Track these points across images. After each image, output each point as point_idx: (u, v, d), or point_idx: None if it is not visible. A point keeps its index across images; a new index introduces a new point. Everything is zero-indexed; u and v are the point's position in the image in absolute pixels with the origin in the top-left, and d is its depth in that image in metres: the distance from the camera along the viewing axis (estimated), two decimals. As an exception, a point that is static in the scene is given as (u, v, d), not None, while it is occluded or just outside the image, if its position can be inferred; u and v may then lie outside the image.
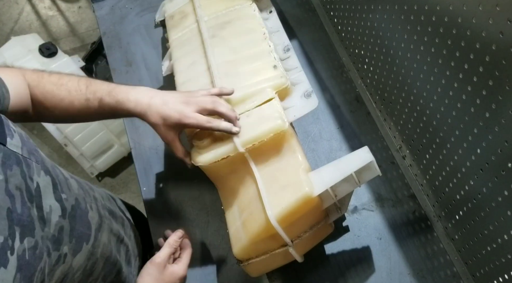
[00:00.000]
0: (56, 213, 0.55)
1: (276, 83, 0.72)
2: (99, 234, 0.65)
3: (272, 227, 0.62)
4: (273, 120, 0.67)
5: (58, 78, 0.69)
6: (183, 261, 0.70)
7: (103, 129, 1.68)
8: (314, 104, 0.71)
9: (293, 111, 0.72)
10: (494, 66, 0.54)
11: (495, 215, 0.62)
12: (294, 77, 0.76)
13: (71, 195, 0.60)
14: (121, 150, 1.76)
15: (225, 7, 0.88)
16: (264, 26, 0.82)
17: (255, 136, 0.66)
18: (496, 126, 0.56)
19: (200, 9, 0.89)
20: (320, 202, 0.64)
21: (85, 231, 0.61)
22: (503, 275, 0.64)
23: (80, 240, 0.60)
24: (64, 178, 0.61)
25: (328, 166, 0.65)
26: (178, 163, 0.90)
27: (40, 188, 0.53)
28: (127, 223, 0.80)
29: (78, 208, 0.61)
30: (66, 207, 0.58)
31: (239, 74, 0.75)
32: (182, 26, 0.90)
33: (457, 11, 0.58)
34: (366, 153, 0.62)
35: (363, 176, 0.62)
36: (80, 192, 0.64)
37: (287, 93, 0.74)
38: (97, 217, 0.66)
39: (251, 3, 0.87)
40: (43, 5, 2.48)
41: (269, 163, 0.67)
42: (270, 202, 0.63)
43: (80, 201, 0.62)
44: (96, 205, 0.68)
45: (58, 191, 0.57)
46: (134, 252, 0.81)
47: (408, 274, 0.76)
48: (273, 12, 0.90)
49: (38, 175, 0.54)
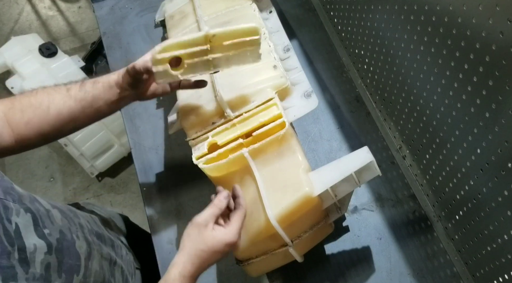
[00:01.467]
0: (42, 251, 0.53)
1: (276, 83, 0.72)
2: (89, 262, 0.62)
3: (272, 227, 0.62)
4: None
5: (29, 92, 0.66)
6: (231, 225, 0.60)
7: (103, 130, 1.68)
8: (314, 104, 0.71)
9: (293, 111, 0.72)
10: (494, 66, 0.54)
11: (495, 215, 0.62)
12: (294, 77, 0.76)
13: (55, 228, 0.58)
14: (121, 150, 1.76)
15: (225, 7, 0.88)
16: (264, 26, 0.82)
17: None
18: (496, 126, 0.56)
19: (200, 9, 0.89)
20: (320, 202, 0.64)
21: (75, 263, 0.59)
22: (503, 275, 0.64)
23: (70, 273, 0.57)
24: (45, 210, 0.58)
25: (328, 166, 0.65)
26: (178, 163, 0.90)
27: (19, 228, 0.51)
28: (117, 243, 0.78)
29: (64, 240, 0.58)
30: (52, 242, 0.55)
31: (239, 74, 0.75)
32: (182, 26, 0.90)
33: (457, 11, 0.58)
34: (366, 153, 0.62)
35: (363, 176, 0.62)
36: (64, 223, 0.61)
37: (287, 93, 0.74)
38: (85, 245, 0.63)
39: (251, 3, 0.87)
40: (43, 5, 2.48)
41: (269, 163, 0.67)
42: (270, 202, 0.63)
43: (65, 232, 0.59)
44: (82, 233, 0.65)
45: (40, 227, 0.55)
46: (130, 269, 0.79)
47: (408, 274, 0.76)
48: (273, 12, 0.90)
49: (17, 215, 0.52)
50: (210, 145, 0.69)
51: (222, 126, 0.71)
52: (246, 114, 0.70)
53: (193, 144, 0.72)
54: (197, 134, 0.72)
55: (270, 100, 0.70)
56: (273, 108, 0.70)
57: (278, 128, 0.67)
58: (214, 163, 0.67)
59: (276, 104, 0.70)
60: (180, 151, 0.91)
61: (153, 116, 0.96)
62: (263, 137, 0.67)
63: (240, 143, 0.68)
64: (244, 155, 0.67)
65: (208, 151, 0.69)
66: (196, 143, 0.71)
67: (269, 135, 0.67)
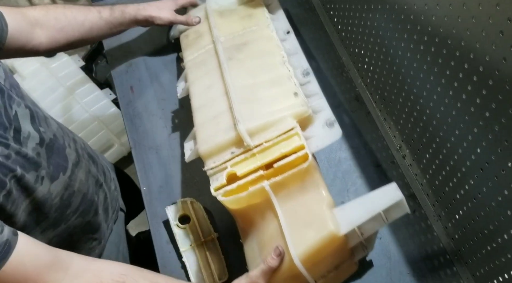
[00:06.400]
0: (34, 140, 0.59)
1: (297, 111, 0.69)
2: (76, 169, 0.68)
3: (295, 267, 0.59)
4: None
5: (61, 5, 0.79)
6: None
7: (103, 129, 1.68)
8: (338, 135, 0.68)
9: (315, 142, 0.68)
10: (494, 66, 0.54)
11: (495, 215, 0.62)
12: (315, 104, 0.73)
13: (49, 130, 0.64)
14: (121, 149, 1.76)
15: (242, 28, 0.85)
16: (282, 49, 0.79)
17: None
18: (496, 126, 0.56)
19: (216, 29, 0.86)
20: (346, 241, 0.61)
21: (62, 163, 0.65)
22: (503, 275, 0.64)
23: (57, 169, 0.63)
24: (44, 116, 0.65)
25: (353, 202, 0.62)
26: (179, 163, 0.90)
27: (18, 116, 0.57)
28: (108, 174, 0.84)
29: (56, 142, 0.64)
30: (44, 138, 0.61)
31: (258, 100, 0.72)
32: (198, 46, 0.87)
33: (457, 11, 0.58)
34: (395, 190, 0.59)
35: (392, 214, 0.59)
36: (59, 131, 0.68)
37: (308, 122, 0.71)
38: (74, 154, 0.69)
39: (268, 24, 0.84)
40: (43, 5, 2.47)
41: (291, 197, 0.64)
42: (293, 240, 0.60)
43: (58, 137, 0.66)
44: (74, 145, 0.71)
45: (36, 123, 0.61)
46: (113, 204, 0.84)
47: (408, 273, 0.76)
48: (291, 32, 0.87)
49: (17, 106, 0.58)
50: (229, 175, 0.66)
51: (241, 156, 0.68)
52: (267, 144, 0.67)
53: (211, 174, 0.69)
54: (215, 164, 0.69)
55: (292, 130, 0.67)
56: (295, 139, 0.66)
57: (301, 160, 0.64)
58: (234, 195, 0.64)
59: (298, 134, 0.66)
60: (181, 151, 0.91)
61: (153, 116, 0.96)
62: (285, 169, 0.64)
63: (261, 175, 0.65)
64: (265, 188, 0.64)
65: (226, 182, 0.66)
66: (214, 172, 0.68)
67: (291, 168, 0.63)
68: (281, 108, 0.70)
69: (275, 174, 0.64)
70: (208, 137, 0.71)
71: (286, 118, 0.68)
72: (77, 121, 1.64)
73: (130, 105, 0.99)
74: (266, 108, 0.71)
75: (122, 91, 1.02)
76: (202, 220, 0.80)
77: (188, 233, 0.79)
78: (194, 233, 0.79)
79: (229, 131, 0.69)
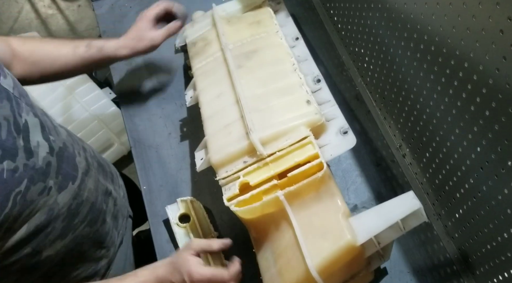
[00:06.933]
0: (44, 149, 0.58)
1: (310, 120, 0.67)
2: (86, 178, 0.67)
3: (312, 278, 0.58)
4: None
5: (39, 38, 0.79)
6: (210, 269, 0.64)
7: (103, 128, 1.68)
8: (352, 143, 0.67)
9: (329, 150, 0.67)
10: (494, 65, 0.54)
11: (495, 213, 0.62)
12: (328, 111, 0.72)
13: (59, 139, 0.63)
14: (121, 148, 1.76)
15: (250, 35, 0.83)
16: (292, 56, 0.78)
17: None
18: (496, 124, 0.56)
19: (224, 36, 0.84)
20: (363, 250, 0.60)
21: (71, 172, 0.64)
22: (503, 273, 0.64)
23: (67, 179, 0.62)
24: (53, 125, 0.64)
25: (370, 211, 0.61)
26: (179, 162, 0.90)
27: (28, 125, 0.56)
28: (117, 181, 0.83)
29: (65, 151, 0.64)
30: (54, 147, 0.60)
31: (270, 109, 0.71)
32: (206, 54, 0.85)
33: (457, 11, 0.58)
34: (412, 199, 0.59)
35: (409, 223, 0.59)
36: (68, 139, 0.67)
37: (322, 130, 0.70)
38: (84, 162, 0.69)
39: (277, 31, 0.83)
40: (43, 4, 2.48)
41: (306, 206, 0.63)
42: (310, 251, 0.59)
43: (68, 145, 0.65)
44: (84, 154, 0.71)
45: (46, 132, 0.60)
46: (122, 211, 0.83)
47: (408, 272, 0.76)
48: (300, 39, 0.85)
49: (27, 114, 0.57)
50: (241, 185, 0.65)
51: (254, 165, 0.66)
52: (280, 153, 0.66)
53: (223, 184, 0.67)
54: (227, 173, 0.67)
55: (305, 138, 0.66)
56: (309, 147, 0.65)
57: (315, 169, 0.62)
58: (247, 205, 0.63)
59: (312, 142, 0.65)
60: (181, 150, 0.92)
61: (153, 115, 0.97)
62: (299, 178, 0.63)
63: (275, 184, 0.64)
64: (279, 198, 0.63)
65: (239, 192, 0.65)
66: (226, 182, 0.67)
67: (305, 177, 0.62)
68: (293, 117, 0.68)
69: (289, 183, 0.63)
70: (220, 146, 0.70)
71: (299, 127, 0.67)
72: (77, 120, 1.65)
73: (130, 104, 0.99)
74: (279, 117, 0.69)
75: (122, 90, 1.02)
76: (202, 219, 0.80)
77: (188, 232, 0.79)
78: (194, 232, 0.79)
79: (241, 141, 0.68)
